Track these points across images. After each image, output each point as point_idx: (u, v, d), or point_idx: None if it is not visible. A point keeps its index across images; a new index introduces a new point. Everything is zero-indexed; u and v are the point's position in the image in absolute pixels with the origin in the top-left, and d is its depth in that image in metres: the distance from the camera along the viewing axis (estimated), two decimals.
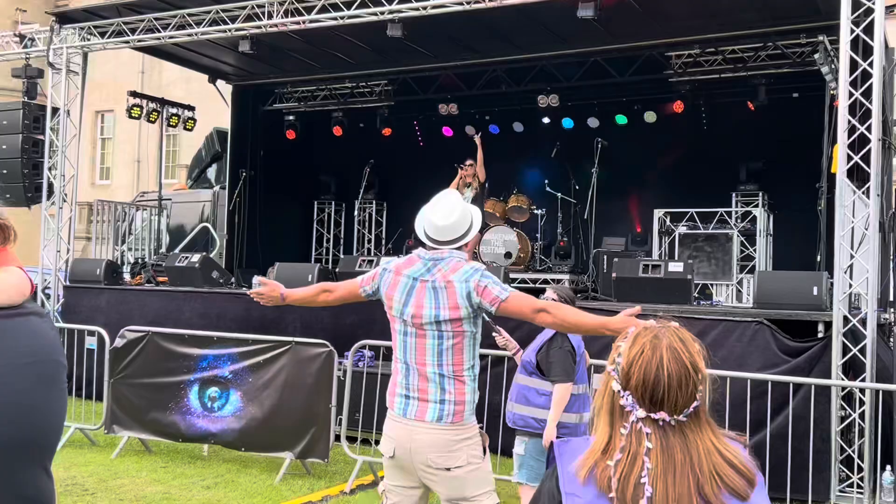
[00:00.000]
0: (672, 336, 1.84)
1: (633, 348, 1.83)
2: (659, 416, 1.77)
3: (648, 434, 1.76)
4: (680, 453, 1.76)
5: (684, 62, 11.64)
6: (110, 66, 27.54)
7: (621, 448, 1.76)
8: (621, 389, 1.80)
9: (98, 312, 10.78)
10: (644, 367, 1.79)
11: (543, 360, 5.06)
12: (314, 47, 12.17)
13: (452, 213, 3.70)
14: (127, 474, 7.18)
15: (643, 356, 1.80)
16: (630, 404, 1.78)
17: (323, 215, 15.86)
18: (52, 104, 11.78)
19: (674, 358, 1.80)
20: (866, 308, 7.15)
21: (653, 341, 1.82)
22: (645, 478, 1.72)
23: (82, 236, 20.43)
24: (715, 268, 10.97)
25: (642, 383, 1.78)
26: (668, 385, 1.77)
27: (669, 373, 1.78)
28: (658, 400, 1.77)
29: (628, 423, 1.77)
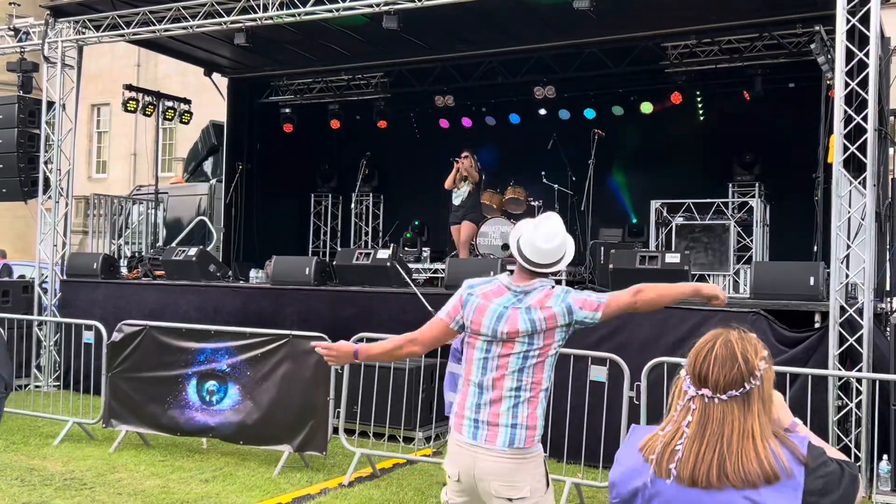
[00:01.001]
0: (733, 333, 2.11)
1: (699, 342, 2.12)
2: (703, 391, 2.04)
3: (693, 409, 2.04)
4: (713, 427, 2.00)
5: (680, 53, 11.63)
6: (106, 60, 27.48)
7: (673, 421, 2.08)
8: (685, 374, 2.10)
9: (95, 306, 10.78)
10: (698, 351, 2.09)
11: (463, 346, 5.13)
12: (310, 39, 12.14)
13: (555, 237, 3.58)
14: (125, 468, 7.19)
15: (702, 344, 2.10)
16: (687, 384, 2.08)
17: (320, 208, 15.86)
18: (47, 98, 11.74)
19: (724, 345, 2.07)
20: (863, 298, 7.16)
21: (713, 334, 2.11)
22: (680, 445, 2.01)
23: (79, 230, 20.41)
24: (712, 258, 10.97)
25: (694, 363, 2.08)
26: (712, 364, 2.04)
27: (716, 354, 2.05)
28: (704, 377, 2.04)
29: (683, 402, 2.07)
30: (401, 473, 7.25)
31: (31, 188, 11.84)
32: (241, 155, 14.42)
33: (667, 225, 11.38)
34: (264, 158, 14.76)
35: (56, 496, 6.30)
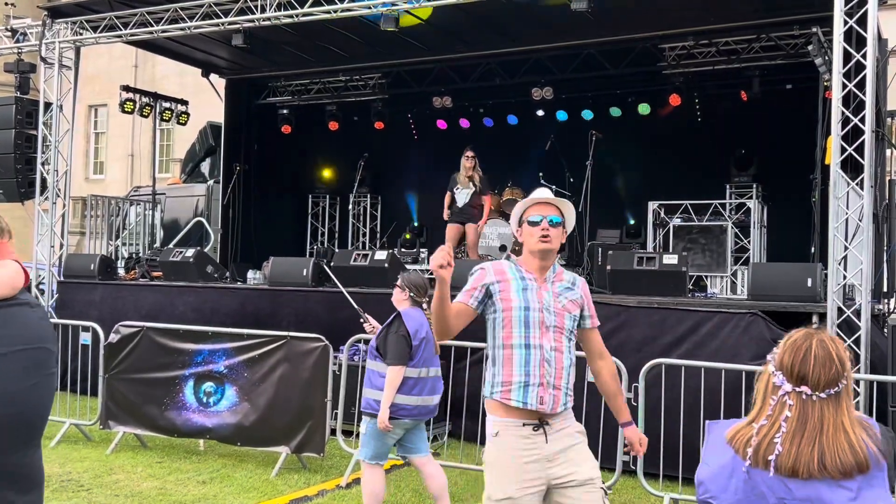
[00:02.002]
0: (824, 334, 2.27)
1: (789, 340, 2.28)
2: (802, 389, 2.18)
3: (791, 405, 2.18)
4: (812, 424, 2.16)
5: (678, 54, 11.65)
6: (103, 61, 27.46)
7: (767, 415, 2.20)
8: (774, 370, 2.24)
9: (92, 307, 10.76)
10: (795, 350, 2.23)
11: (382, 344, 5.31)
12: (307, 41, 12.13)
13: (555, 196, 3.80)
14: (122, 470, 7.17)
15: (795, 343, 2.25)
16: (780, 380, 2.22)
17: (317, 209, 15.85)
18: (44, 99, 11.74)
19: (821, 346, 2.23)
20: (860, 299, 7.17)
21: (805, 335, 2.26)
22: (778, 438, 2.15)
23: (76, 231, 20.38)
24: (709, 259, 10.98)
25: (791, 362, 2.21)
26: (812, 364, 2.19)
27: (815, 355, 2.20)
28: (803, 376, 2.19)
29: (776, 396, 2.21)
30: (398, 475, 7.24)
31: (28, 189, 11.82)
32: (239, 156, 14.41)
33: (664, 226, 11.39)
34: (262, 159, 14.75)
35: (53, 498, 6.28)
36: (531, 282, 3.59)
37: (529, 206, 3.68)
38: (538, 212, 3.64)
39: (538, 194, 3.75)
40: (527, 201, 3.70)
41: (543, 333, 3.52)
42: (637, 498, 6.66)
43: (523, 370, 3.48)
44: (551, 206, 3.68)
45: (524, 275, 3.61)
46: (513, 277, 3.60)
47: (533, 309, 3.53)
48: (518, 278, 3.60)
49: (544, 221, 3.60)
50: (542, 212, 3.64)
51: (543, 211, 3.64)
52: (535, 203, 3.67)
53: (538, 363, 3.49)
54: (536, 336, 3.52)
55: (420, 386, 5.33)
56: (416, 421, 5.40)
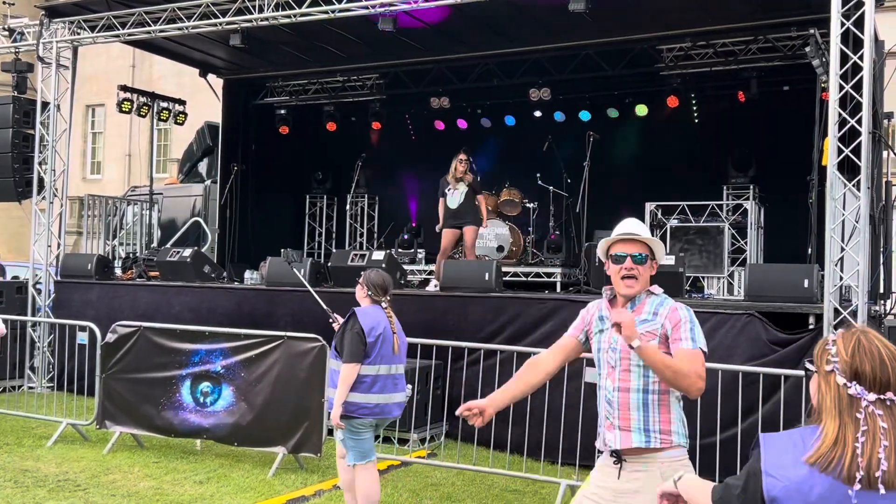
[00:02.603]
0: (870, 332, 2.14)
1: (849, 346, 2.11)
2: (888, 396, 2.04)
3: (881, 415, 2.02)
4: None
5: (675, 55, 11.66)
6: (101, 60, 27.45)
7: (863, 431, 2.02)
8: (847, 381, 2.07)
9: (89, 307, 10.76)
10: (870, 357, 2.07)
11: (338, 342, 5.34)
12: (305, 41, 12.14)
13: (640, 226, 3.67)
14: (119, 470, 7.17)
15: (863, 347, 2.09)
16: (859, 391, 2.05)
17: (315, 209, 15.84)
18: (42, 98, 11.73)
19: (883, 346, 2.10)
20: (857, 300, 7.18)
21: (865, 336, 2.11)
22: (882, 454, 1.99)
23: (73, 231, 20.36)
24: (706, 260, 10.99)
25: (868, 370, 2.06)
26: (891, 368, 2.06)
27: (888, 357, 2.08)
28: (886, 382, 2.05)
29: (862, 409, 2.04)
30: (395, 475, 7.24)
31: (25, 189, 11.81)
32: (237, 156, 14.41)
33: (661, 227, 11.39)
34: (259, 159, 14.75)
35: (49, 497, 6.28)
36: (607, 321, 3.53)
37: (615, 242, 3.56)
38: (623, 249, 3.52)
39: (625, 228, 3.59)
40: (613, 236, 3.58)
41: (609, 373, 3.50)
42: None
43: (600, 409, 3.57)
44: (639, 242, 3.54)
45: (603, 313, 3.60)
46: (596, 317, 3.62)
47: (603, 350, 3.55)
48: (598, 318, 3.62)
49: (628, 260, 3.49)
50: (626, 249, 3.52)
51: (628, 248, 3.52)
52: (620, 240, 3.54)
53: (603, 404, 3.54)
54: (604, 376, 3.55)
55: (379, 384, 5.30)
56: (382, 419, 5.39)
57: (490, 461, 7.31)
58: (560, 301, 8.58)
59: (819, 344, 2.20)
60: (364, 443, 5.34)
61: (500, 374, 7.27)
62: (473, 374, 7.92)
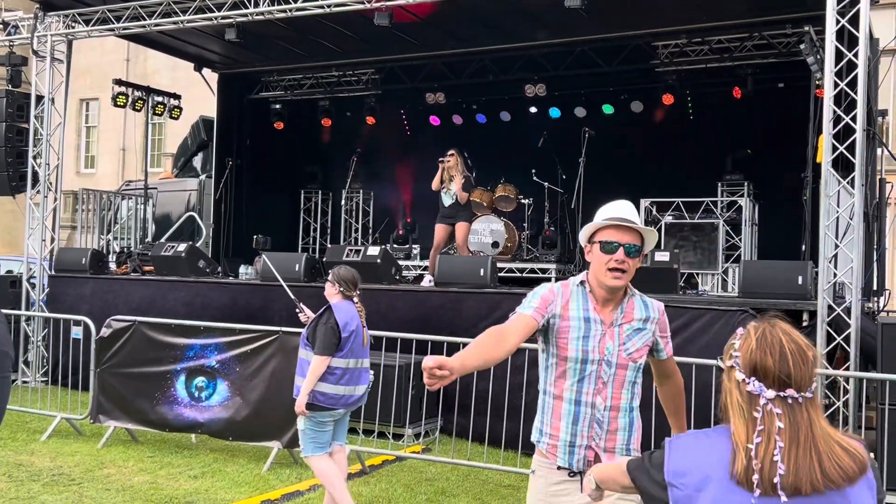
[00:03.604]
0: (779, 325, 1.97)
1: (750, 339, 1.96)
2: (787, 393, 1.89)
3: (779, 414, 1.87)
4: (804, 430, 1.87)
5: (671, 52, 11.67)
6: (95, 54, 27.35)
7: (758, 431, 1.87)
8: (746, 377, 1.92)
9: (83, 302, 10.74)
10: (768, 350, 1.91)
11: (311, 334, 5.49)
12: (300, 35, 12.11)
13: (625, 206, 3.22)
14: (114, 464, 7.17)
15: (763, 342, 1.93)
16: (757, 388, 1.90)
17: (310, 204, 15.83)
18: (36, 92, 11.69)
19: (790, 340, 1.93)
20: (851, 297, 7.21)
21: (765, 330, 1.96)
22: (777, 456, 1.84)
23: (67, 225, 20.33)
24: (701, 257, 11.02)
25: (769, 365, 1.90)
26: (792, 362, 1.89)
27: (791, 350, 1.91)
28: (785, 378, 1.89)
29: (760, 407, 1.88)
30: (390, 470, 7.26)
31: (19, 182, 11.79)
32: (231, 151, 14.38)
33: (656, 223, 11.41)
34: (254, 154, 14.73)
35: (44, 492, 6.28)
36: (595, 325, 3.08)
37: (604, 227, 3.08)
38: (615, 237, 3.04)
39: (618, 211, 3.10)
40: (604, 220, 3.09)
41: (599, 390, 3.08)
42: None
43: (571, 429, 3.11)
44: (632, 231, 3.07)
45: (590, 314, 3.09)
46: (576, 316, 3.09)
47: (591, 361, 3.07)
48: (581, 318, 3.09)
49: (620, 251, 3.03)
50: (620, 237, 3.04)
51: (621, 237, 3.04)
52: (612, 226, 3.06)
53: (588, 423, 3.09)
54: (590, 392, 3.09)
55: (348, 376, 5.50)
56: (346, 409, 5.60)
57: (485, 456, 7.33)
58: None
59: (730, 339, 2.07)
60: (324, 434, 5.51)
61: (495, 369, 7.28)
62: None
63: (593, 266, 3.10)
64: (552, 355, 3.14)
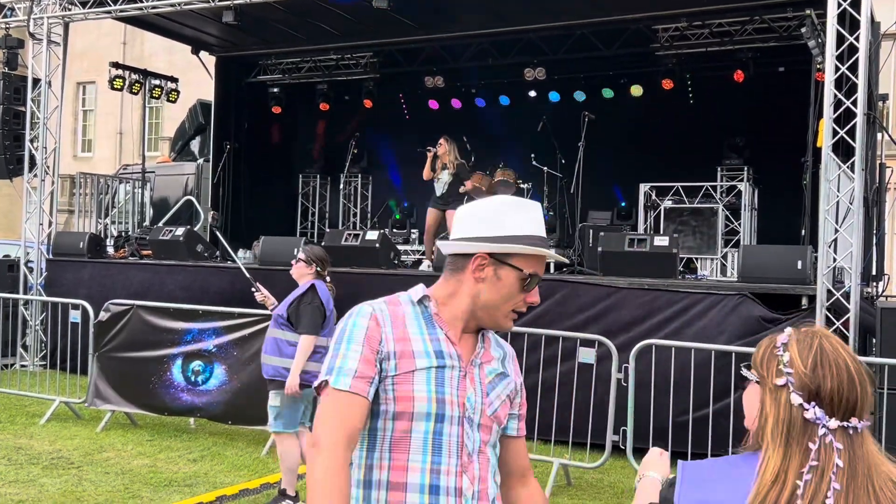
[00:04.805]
0: (832, 338, 1.63)
1: (807, 354, 1.59)
2: (852, 423, 1.56)
3: (839, 449, 1.54)
4: (863, 468, 1.55)
5: (671, 35, 11.61)
6: (91, 37, 27.20)
7: (811, 468, 1.53)
8: (804, 402, 1.56)
9: (81, 286, 10.72)
10: (835, 372, 1.56)
11: (293, 314, 5.54)
12: (299, 18, 12.03)
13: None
14: (112, 448, 7.17)
15: (826, 360, 1.58)
16: (818, 415, 1.55)
17: (308, 189, 15.79)
18: (33, 75, 11.62)
19: (853, 359, 1.59)
20: (850, 282, 7.20)
21: (821, 344, 1.60)
22: (830, 499, 1.51)
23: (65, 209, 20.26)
24: (700, 242, 11.01)
25: (835, 389, 1.55)
26: (860, 387, 1.57)
27: (856, 371, 1.58)
28: (852, 406, 1.56)
29: (817, 439, 1.54)
30: None
31: (16, 166, 11.74)
32: (229, 134, 14.32)
33: (655, 208, 11.41)
34: (252, 138, 14.67)
35: (43, 475, 6.28)
36: (452, 362, 2.01)
37: (533, 256, 2.07)
38: (539, 268, 2.09)
39: (540, 226, 2.12)
40: (532, 245, 2.05)
41: (465, 466, 1.98)
42: (626, 477, 6.70)
43: None
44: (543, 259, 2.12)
45: (441, 347, 2.02)
46: (422, 350, 2.00)
47: (450, 419, 1.97)
48: (430, 353, 2.00)
49: (537, 290, 2.10)
50: (541, 269, 2.10)
51: (541, 268, 2.11)
52: (540, 256, 2.09)
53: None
54: (452, 470, 1.97)
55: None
56: None
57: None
58: (554, 282, 8.57)
59: (763, 345, 1.67)
60: (297, 413, 5.62)
61: None
62: None
63: (493, 293, 2.04)
64: (381, 415, 1.96)
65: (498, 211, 2.08)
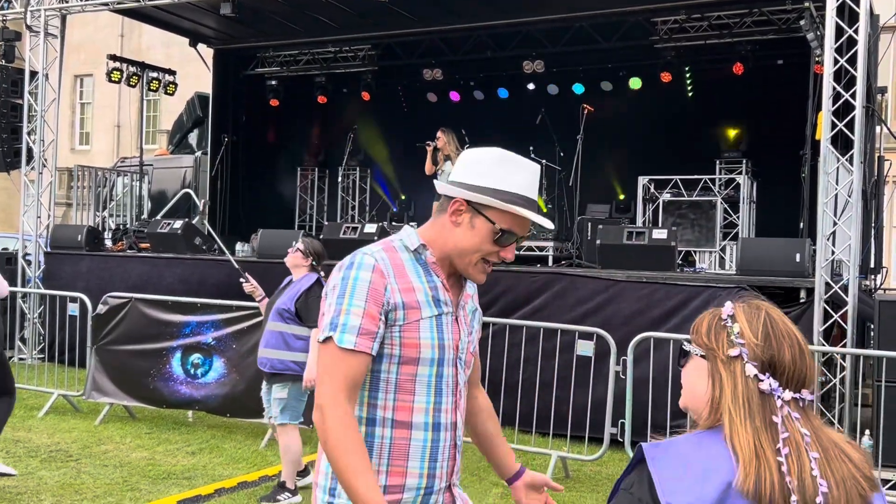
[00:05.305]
0: (775, 310, 1.60)
1: (757, 324, 1.55)
2: (803, 394, 1.54)
3: (799, 419, 1.52)
4: (823, 436, 1.53)
5: (670, 28, 11.59)
6: (89, 30, 27.14)
7: (783, 440, 1.49)
8: (759, 373, 1.52)
9: (79, 279, 10.71)
10: (785, 342, 1.54)
11: (303, 308, 5.62)
12: (297, 10, 12.00)
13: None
14: (111, 440, 7.18)
15: (775, 331, 1.55)
16: (774, 388, 1.52)
17: (306, 181, 15.77)
18: (30, 68, 11.59)
19: (797, 330, 1.58)
20: (848, 275, 7.21)
21: (768, 316, 1.57)
22: (816, 469, 1.48)
23: (62, 202, 20.25)
24: (698, 235, 11.01)
25: (787, 360, 1.53)
26: (810, 358, 1.56)
27: (803, 343, 1.57)
28: (801, 376, 1.54)
29: (778, 412, 1.51)
30: None
31: (14, 159, 11.72)
32: (227, 127, 14.30)
33: (654, 201, 11.40)
34: (250, 131, 14.65)
35: (42, 468, 6.28)
36: (447, 307, 2.16)
37: (510, 213, 2.11)
38: (518, 227, 2.14)
39: (532, 187, 2.16)
40: (515, 197, 2.10)
41: (457, 401, 2.18)
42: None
43: (426, 468, 2.13)
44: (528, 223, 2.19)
45: (439, 294, 2.15)
46: (424, 300, 2.12)
47: (447, 360, 2.14)
48: (430, 301, 2.13)
49: (513, 248, 2.17)
50: (521, 229, 2.15)
51: (523, 228, 2.15)
52: (523, 218, 2.13)
53: (449, 454, 2.18)
54: (449, 407, 2.16)
55: None
56: None
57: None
58: (552, 275, 8.58)
59: (706, 319, 1.62)
60: (302, 404, 5.72)
61: (492, 347, 7.28)
62: None
63: (465, 240, 2.12)
64: (385, 358, 2.08)
65: (490, 162, 2.14)
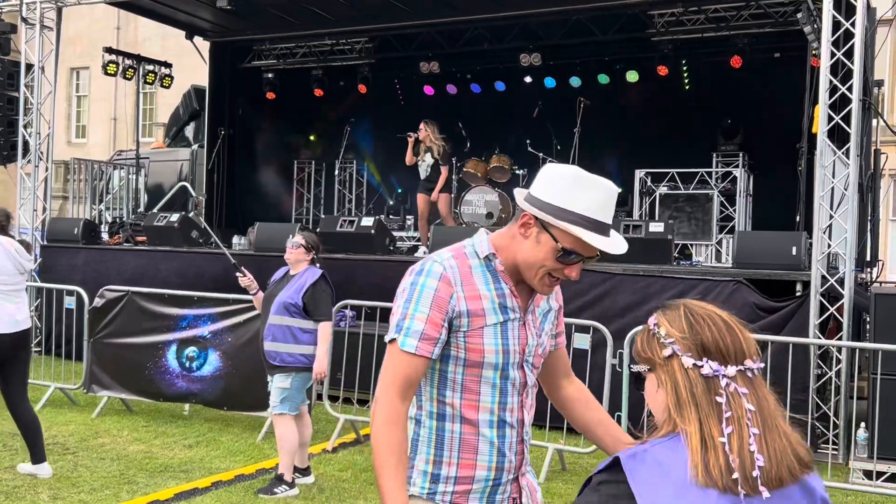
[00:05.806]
0: (690, 301, 1.68)
1: (681, 319, 1.61)
2: (747, 364, 1.56)
3: (745, 394, 1.53)
4: (769, 408, 1.55)
5: (667, 21, 11.58)
6: (84, 22, 27.04)
7: (727, 419, 1.51)
8: (697, 361, 1.56)
9: (75, 272, 10.70)
10: (709, 324, 1.59)
11: (311, 302, 5.74)
12: (293, 3, 11.97)
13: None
14: (108, 434, 7.18)
15: (696, 317, 1.60)
16: (715, 368, 1.55)
17: (303, 175, 15.74)
18: (26, 60, 11.55)
19: (717, 309, 1.63)
20: (844, 268, 7.22)
21: (685, 308, 1.63)
22: (753, 445, 1.49)
23: (59, 195, 20.19)
24: (695, 228, 11.02)
25: (718, 338, 1.57)
26: (739, 330, 1.59)
27: (731, 318, 1.62)
28: (739, 348, 1.57)
29: (723, 391, 1.53)
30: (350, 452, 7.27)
31: (10, 152, 11.69)
32: (223, 120, 14.27)
33: (651, 194, 11.41)
34: (247, 124, 14.62)
35: None
36: (514, 313, 2.23)
37: (582, 238, 2.13)
38: (585, 249, 2.17)
39: (606, 211, 2.18)
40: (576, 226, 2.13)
41: (524, 400, 2.28)
42: None
43: (494, 462, 2.23)
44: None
45: (507, 301, 2.23)
46: (491, 307, 2.20)
47: (513, 364, 2.23)
48: (496, 308, 2.21)
49: (579, 266, 2.20)
50: (589, 251, 2.17)
51: (591, 250, 2.17)
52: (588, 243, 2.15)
53: (517, 449, 2.27)
54: (515, 406, 2.26)
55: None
56: None
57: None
58: None
59: (638, 336, 1.67)
60: (302, 394, 5.83)
61: None
62: None
63: (531, 254, 2.19)
64: (451, 359, 2.19)
65: (564, 180, 2.20)
